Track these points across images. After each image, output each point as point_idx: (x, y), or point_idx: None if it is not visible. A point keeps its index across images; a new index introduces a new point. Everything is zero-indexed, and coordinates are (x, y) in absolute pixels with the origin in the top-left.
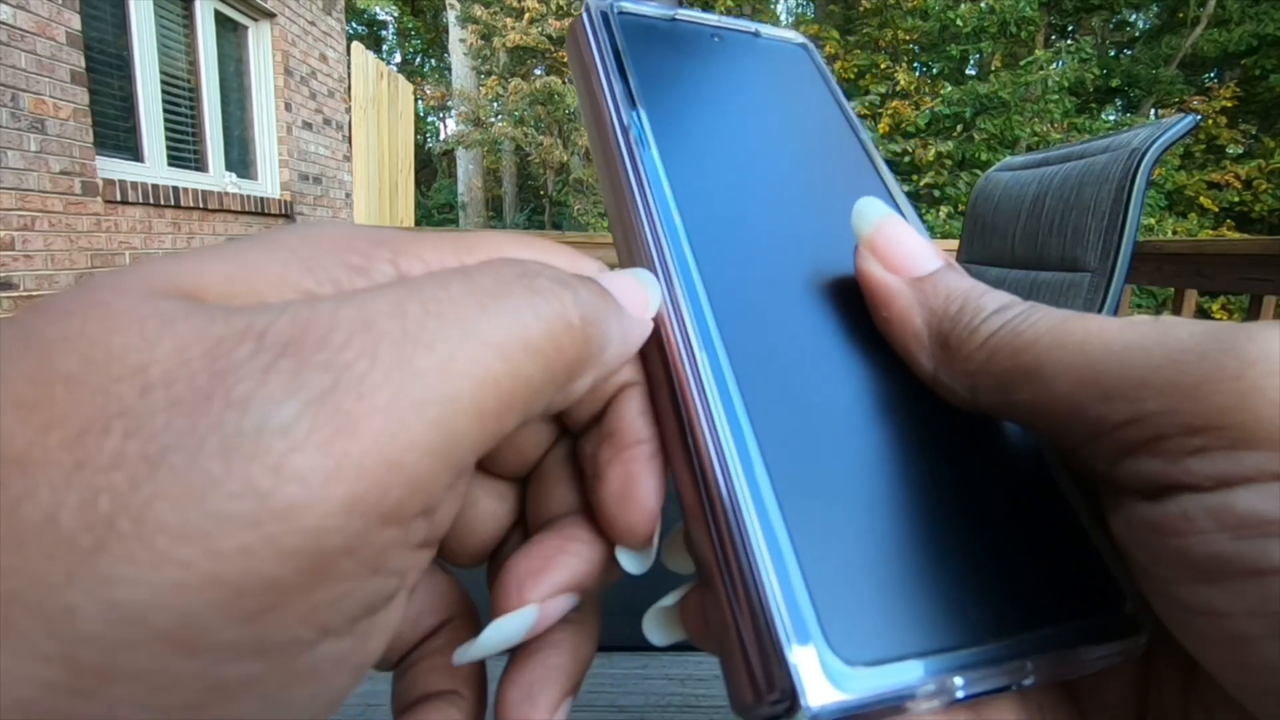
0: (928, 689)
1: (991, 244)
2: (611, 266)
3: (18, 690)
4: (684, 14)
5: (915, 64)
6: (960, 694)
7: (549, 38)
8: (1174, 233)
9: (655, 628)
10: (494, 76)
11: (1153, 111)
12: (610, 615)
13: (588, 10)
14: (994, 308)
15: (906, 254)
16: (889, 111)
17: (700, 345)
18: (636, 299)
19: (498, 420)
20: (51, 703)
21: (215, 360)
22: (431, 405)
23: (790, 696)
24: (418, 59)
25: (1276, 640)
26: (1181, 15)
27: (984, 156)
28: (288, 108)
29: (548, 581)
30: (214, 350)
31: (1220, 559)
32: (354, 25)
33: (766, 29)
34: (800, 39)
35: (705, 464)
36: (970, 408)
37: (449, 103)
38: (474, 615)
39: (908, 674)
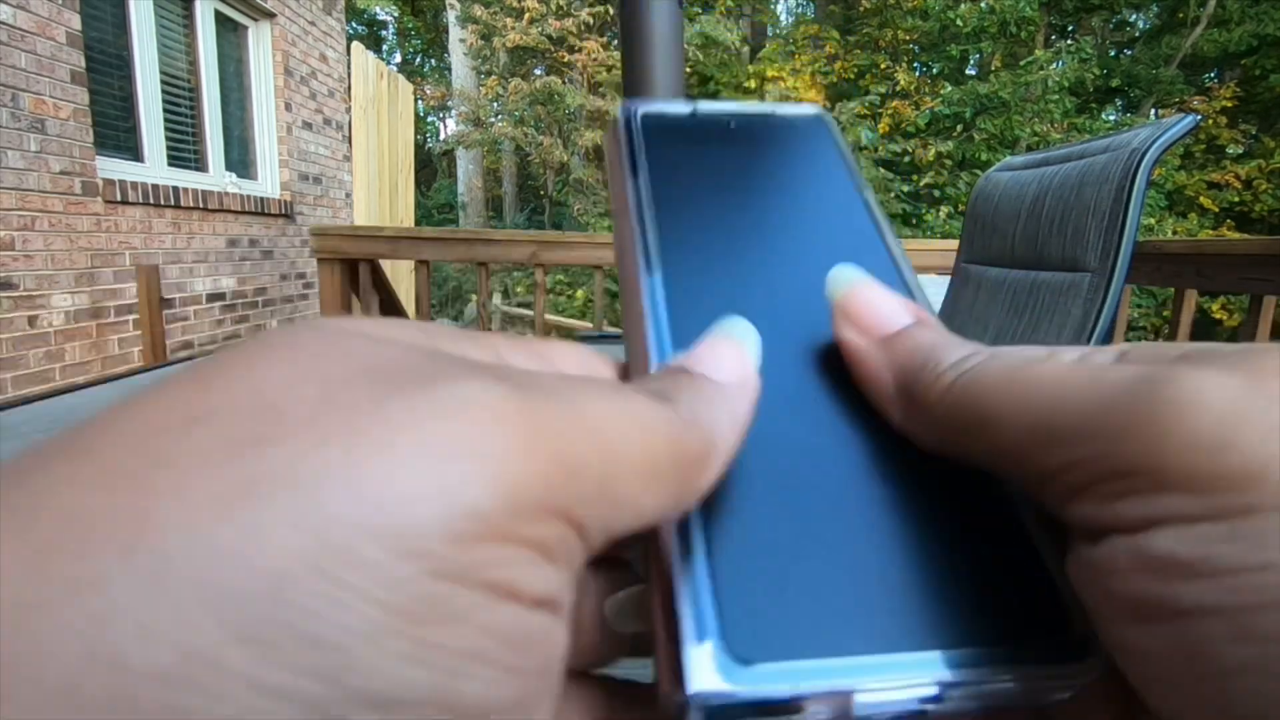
0: (822, 692)
1: (991, 244)
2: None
3: None
4: (704, 107)
5: (915, 64)
6: (857, 700)
7: (549, 38)
8: (1174, 233)
9: (615, 614)
10: (494, 76)
11: (1153, 111)
12: None
13: (620, 113)
14: (954, 359)
15: (875, 314)
16: (889, 111)
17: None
18: (733, 365)
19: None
20: None
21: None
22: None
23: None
24: (418, 59)
25: (1199, 682)
26: (1181, 15)
27: (984, 156)
28: (288, 108)
29: None
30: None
31: (1142, 600)
32: (354, 25)
33: (783, 107)
34: (815, 110)
35: None
36: (941, 457)
37: (449, 103)
38: None
39: (802, 675)
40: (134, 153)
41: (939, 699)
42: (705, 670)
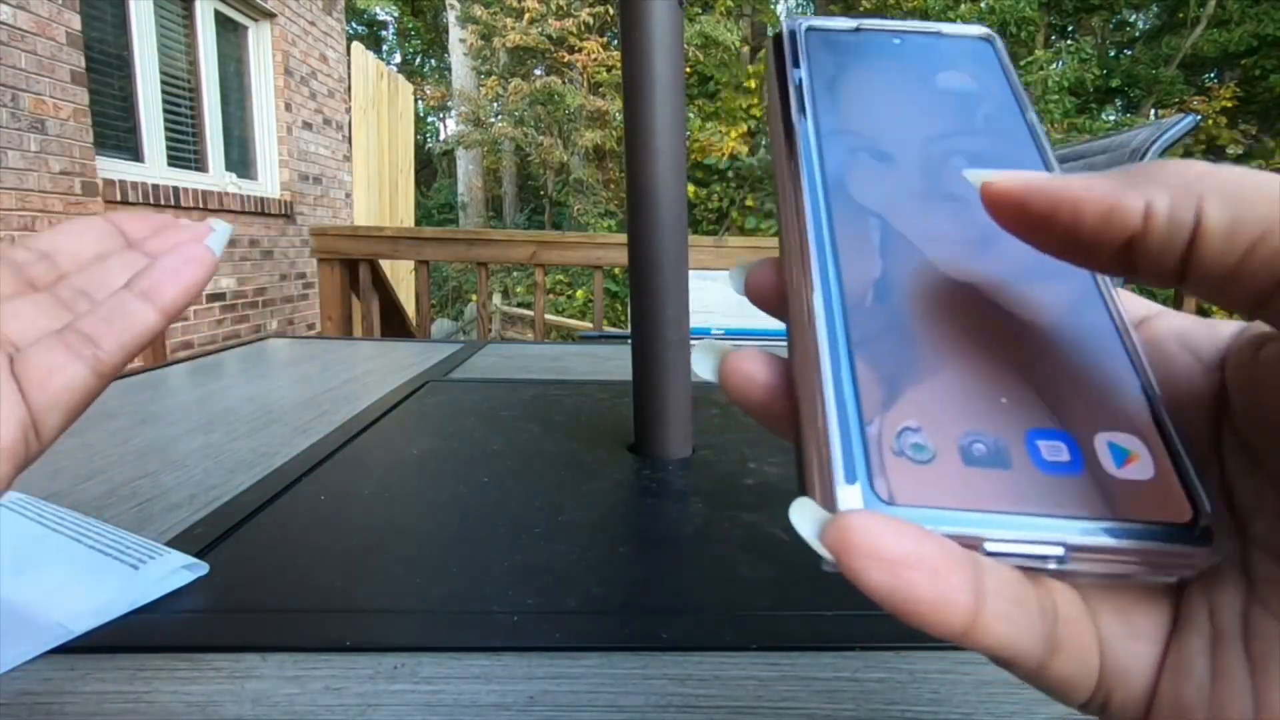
0: (954, 535)
1: None
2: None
3: None
4: (868, 23)
5: None
6: (986, 549)
7: (549, 38)
8: None
9: (704, 360)
10: (494, 77)
11: (1153, 111)
12: (610, 615)
13: (782, 29)
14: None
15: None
16: None
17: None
18: None
19: None
20: None
21: None
22: None
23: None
24: (418, 59)
25: None
26: (1181, 15)
27: None
28: (288, 108)
29: None
30: None
31: None
32: (354, 25)
33: (950, 27)
34: (983, 31)
35: (812, 337)
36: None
37: (449, 103)
38: None
39: (939, 520)
40: (134, 153)
41: (1063, 559)
42: (853, 507)
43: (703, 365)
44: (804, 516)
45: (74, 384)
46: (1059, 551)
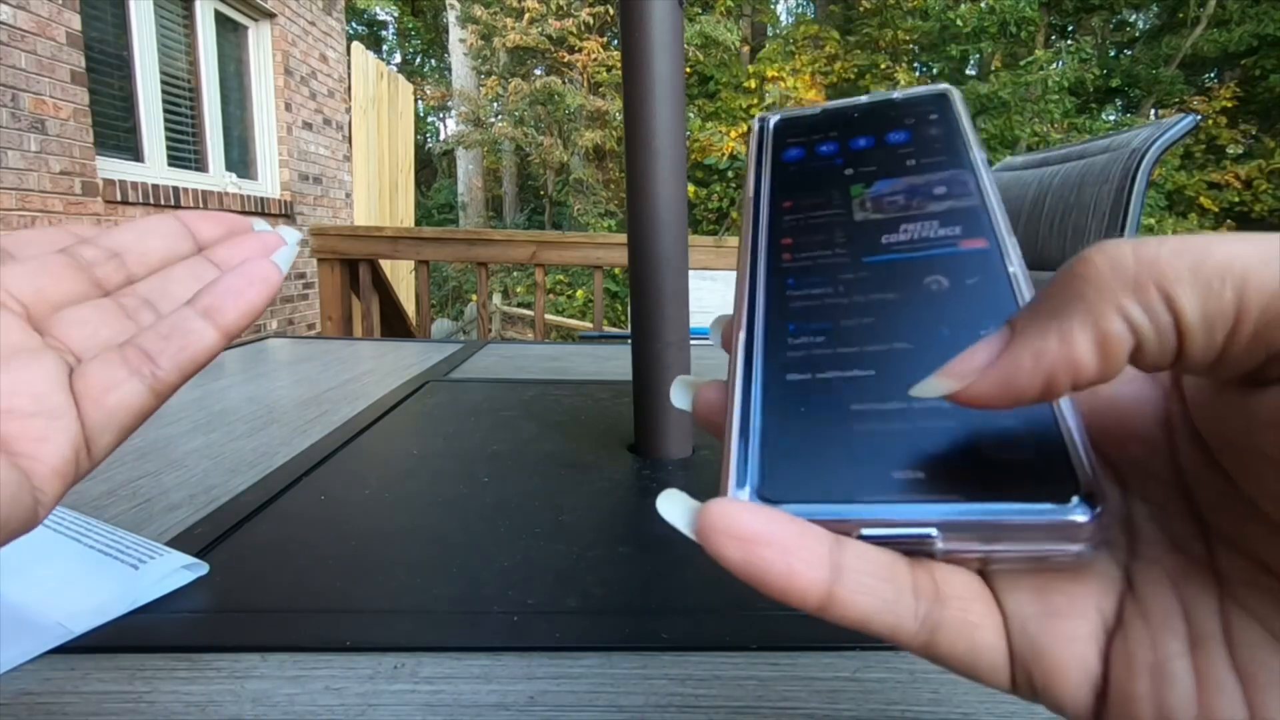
0: (829, 520)
1: None
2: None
3: None
4: (832, 105)
5: (915, 64)
6: (862, 534)
7: (549, 38)
8: (1174, 232)
9: (679, 392)
10: (494, 77)
11: (1153, 111)
12: (610, 615)
13: (754, 126)
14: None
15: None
16: None
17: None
18: None
19: None
20: None
21: None
22: None
23: None
24: (418, 59)
25: None
26: (1181, 15)
27: None
28: (288, 108)
29: None
30: None
31: None
32: (354, 25)
33: (905, 92)
34: (941, 89)
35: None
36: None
37: (449, 103)
38: None
39: (816, 514)
40: (134, 153)
41: (936, 539)
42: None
43: (680, 398)
44: (673, 505)
45: (130, 403)
46: (932, 532)
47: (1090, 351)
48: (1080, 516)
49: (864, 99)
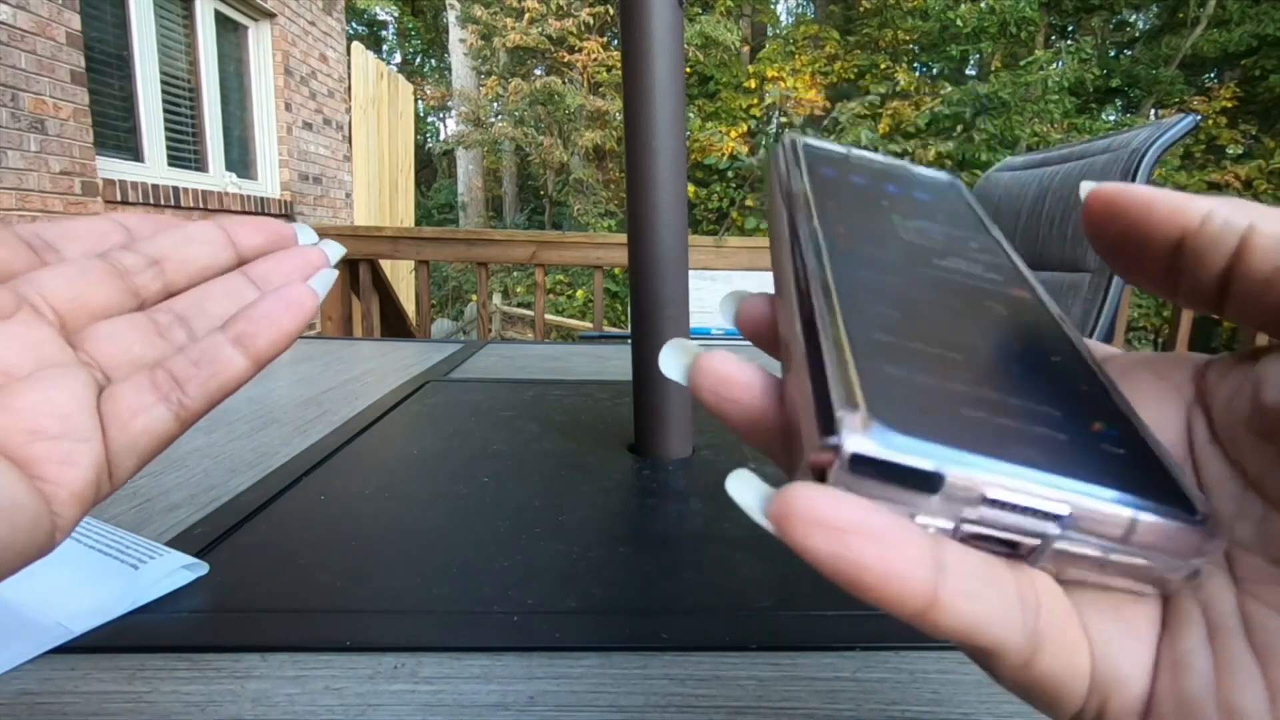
0: (962, 474)
1: None
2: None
3: None
4: (855, 152)
5: (915, 64)
6: (988, 496)
7: (549, 38)
8: None
9: (671, 354)
10: (494, 77)
11: (1153, 112)
12: (610, 615)
13: (784, 142)
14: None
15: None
16: (889, 111)
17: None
18: None
19: None
20: None
21: None
22: None
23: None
24: (418, 59)
25: None
26: (1181, 15)
27: (984, 157)
28: (288, 108)
29: None
30: None
31: None
32: (354, 25)
33: (920, 167)
34: (949, 176)
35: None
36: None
37: (449, 103)
38: None
39: (946, 457)
40: (134, 153)
41: (1066, 522)
42: (857, 431)
43: (671, 366)
44: (745, 487)
45: (156, 429)
46: (1065, 510)
47: (1169, 200)
48: (1208, 529)
49: (884, 156)
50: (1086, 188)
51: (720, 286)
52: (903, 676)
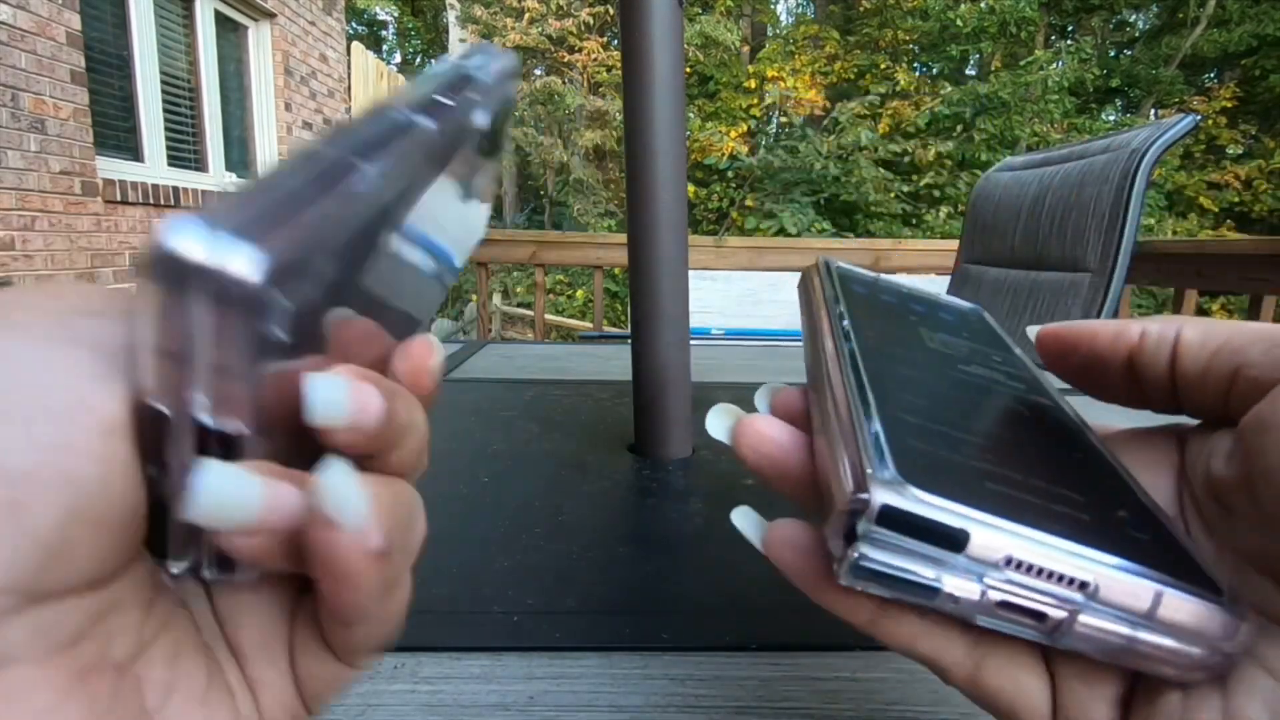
0: (987, 533)
1: (991, 244)
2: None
3: None
4: (884, 277)
5: (915, 64)
6: (1014, 559)
7: (549, 38)
8: (1174, 233)
9: (719, 417)
10: None
11: (1153, 112)
12: (610, 615)
13: (819, 261)
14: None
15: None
16: (889, 112)
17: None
18: None
19: None
20: None
21: None
22: None
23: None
24: (418, 59)
25: None
26: (1181, 15)
27: (984, 157)
28: (288, 108)
29: None
30: None
31: None
32: (354, 25)
33: (947, 297)
34: (973, 305)
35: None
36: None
37: None
38: None
39: (971, 517)
40: (134, 153)
41: (1091, 590)
42: (886, 486)
43: (717, 427)
44: (745, 520)
45: None
46: (1090, 578)
47: (1109, 330)
48: (1233, 610)
49: (909, 282)
50: (1032, 332)
51: (720, 286)
52: (903, 676)
